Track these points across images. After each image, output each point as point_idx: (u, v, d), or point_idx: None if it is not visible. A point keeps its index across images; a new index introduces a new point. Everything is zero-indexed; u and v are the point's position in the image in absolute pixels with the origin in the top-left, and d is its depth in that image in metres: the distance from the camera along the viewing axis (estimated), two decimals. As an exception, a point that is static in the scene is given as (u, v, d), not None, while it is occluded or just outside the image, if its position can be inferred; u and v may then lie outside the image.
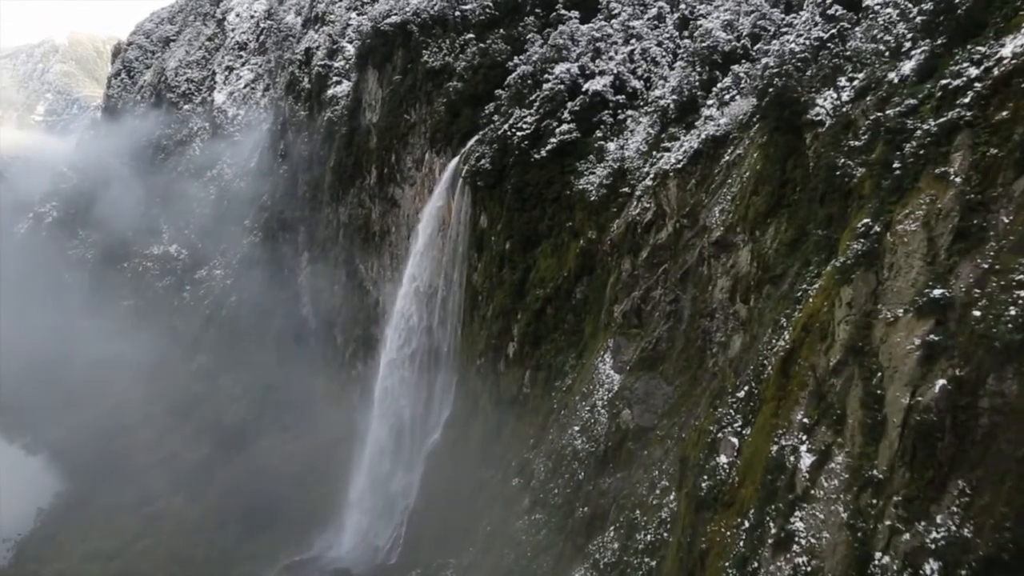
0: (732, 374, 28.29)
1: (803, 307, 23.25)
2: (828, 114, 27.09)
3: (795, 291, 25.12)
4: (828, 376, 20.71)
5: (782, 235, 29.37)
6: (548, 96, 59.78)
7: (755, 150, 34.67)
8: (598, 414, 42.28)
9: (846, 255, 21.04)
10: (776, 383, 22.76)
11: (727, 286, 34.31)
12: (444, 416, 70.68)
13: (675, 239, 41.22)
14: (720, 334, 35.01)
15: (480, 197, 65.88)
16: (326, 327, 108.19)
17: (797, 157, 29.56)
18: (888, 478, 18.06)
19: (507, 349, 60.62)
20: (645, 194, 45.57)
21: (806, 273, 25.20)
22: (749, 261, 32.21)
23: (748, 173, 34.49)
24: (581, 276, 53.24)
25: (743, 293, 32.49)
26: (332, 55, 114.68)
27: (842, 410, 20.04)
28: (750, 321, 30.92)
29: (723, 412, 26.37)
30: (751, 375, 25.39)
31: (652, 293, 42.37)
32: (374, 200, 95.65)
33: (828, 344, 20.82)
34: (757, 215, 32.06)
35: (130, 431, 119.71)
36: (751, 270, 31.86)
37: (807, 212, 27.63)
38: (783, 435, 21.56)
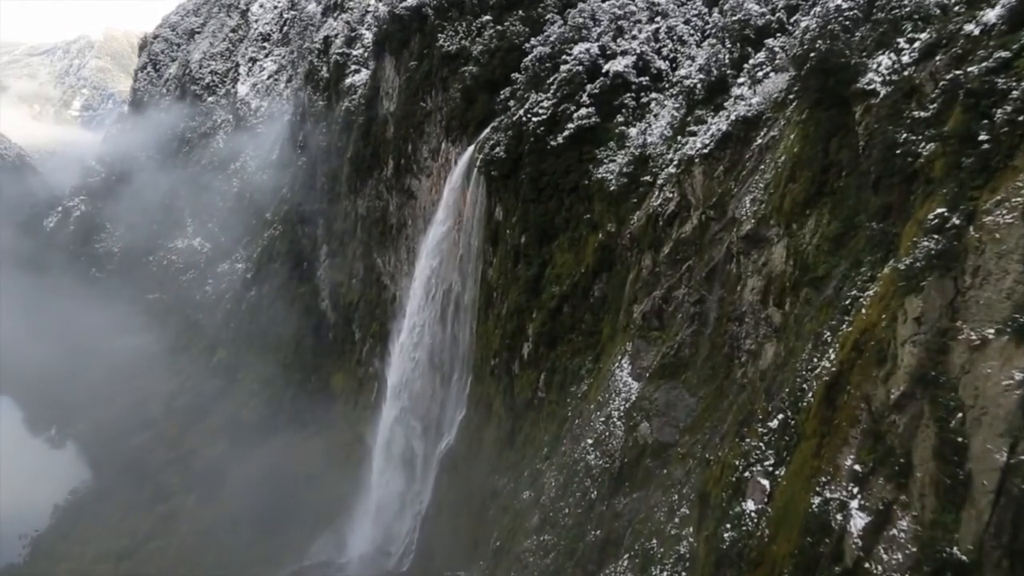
0: (763, 395, 24.02)
1: (853, 319, 18.93)
2: (884, 81, 22.56)
3: (842, 297, 20.76)
4: (888, 411, 16.15)
5: (824, 229, 25.03)
6: (565, 79, 55.65)
7: (792, 130, 30.34)
8: (613, 426, 38.28)
9: (912, 255, 16.39)
10: (819, 415, 18.40)
11: (758, 287, 30.07)
12: (458, 418, 67.16)
13: (700, 233, 37.00)
14: (750, 341, 30.81)
15: (495, 188, 61.99)
16: (344, 322, 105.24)
17: (843, 135, 25.11)
18: (976, 562, 13.62)
19: (522, 350, 56.77)
20: (668, 183, 41.34)
21: (856, 276, 20.79)
22: (784, 259, 27.95)
23: (784, 157, 30.17)
24: (599, 273, 49.19)
25: (777, 296, 28.24)
26: (350, 43, 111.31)
27: (907, 458, 15.36)
28: (785, 329, 26.70)
29: (752, 444, 22.09)
30: (786, 400, 21.07)
31: (675, 293, 38.21)
32: (391, 192, 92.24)
33: (888, 370, 16.34)
34: (794, 205, 27.75)
35: (151, 426, 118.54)
36: (786, 269, 27.61)
37: (856, 201, 23.26)
38: (827, 484, 17.10)
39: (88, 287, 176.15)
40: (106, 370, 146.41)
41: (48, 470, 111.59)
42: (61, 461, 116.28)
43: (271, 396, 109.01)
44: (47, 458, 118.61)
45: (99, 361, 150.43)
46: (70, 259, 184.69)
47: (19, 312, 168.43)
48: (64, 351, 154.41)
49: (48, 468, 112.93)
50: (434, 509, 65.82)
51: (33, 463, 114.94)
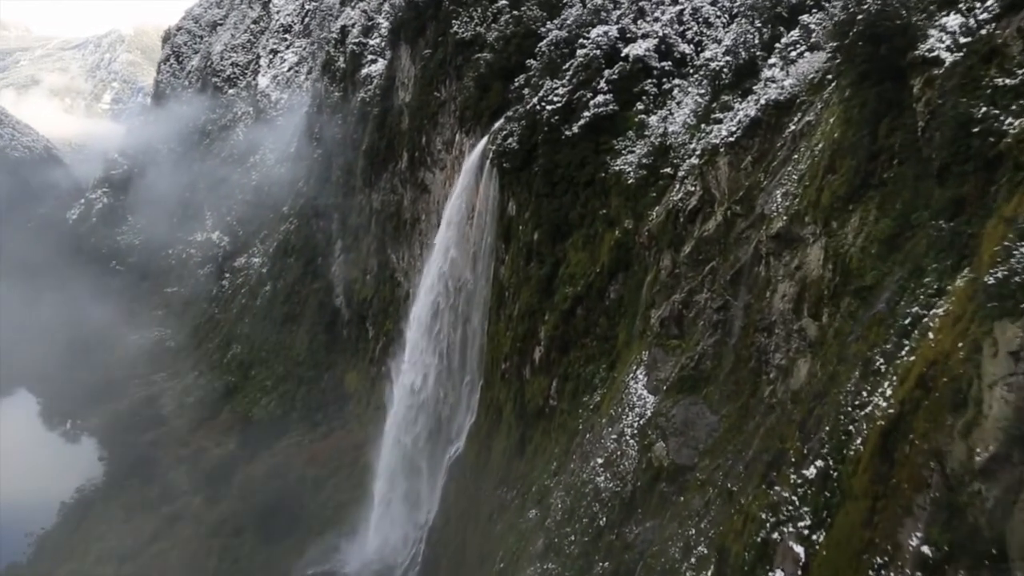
0: (797, 429, 20.02)
1: (917, 346, 14.62)
2: (952, 45, 18.45)
3: (899, 315, 16.62)
4: (970, 477, 11.77)
5: (871, 228, 21.04)
6: (582, 64, 51.79)
7: (831, 113, 26.35)
8: (626, 445, 34.50)
9: (1007, 265, 12.38)
10: (871, 469, 14.06)
11: (791, 294, 26.16)
12: (468, 423, 63.75)
13: (725, 230, 33.08)
14: (780, 355, 26.91)
15: (508, 181, 58.33)
16: (358, 319, 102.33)
17: (896, 115, 21.04)
18: None
19: (533, 354, 53.10)
20: (690, 175, 37.42)
21: (917, 287, 16.58)
22: (822, 262, 24.02)
23: (821, 144, 26.19)
24: (616, 273, 45.35)
25: (813, 305, 24.31)
26: (367, 32, 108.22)
27: (999, 546, 10.92)
28: (822, 345, 22.77)
29: (782, 495, 18.01)
30: (827, 442, 16.90)
31: (696, 297, 34.33)
32: (405, 185, 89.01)
33: (969, 419, 11.87)
34: (834, 200, 23.77)
35: (163, 422, 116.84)
36: (824, 274, 23.67)
37: (913, 194, 19.23)
38: (883, 567, 12.53)
39: (108, 279, 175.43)
40: (122, 363, 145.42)
41: (60, 466, 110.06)
42: (73, 457, 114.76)
43: (283, 394, 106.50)
44: (60, 453, 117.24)
45: (116, 354, 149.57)
46: (91, 251, 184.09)
47: (38, 304, 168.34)
48: (81, 343, 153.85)
49: (60, 464, 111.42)
50: (441, 520, 62.49)
51: (47, 458, 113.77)
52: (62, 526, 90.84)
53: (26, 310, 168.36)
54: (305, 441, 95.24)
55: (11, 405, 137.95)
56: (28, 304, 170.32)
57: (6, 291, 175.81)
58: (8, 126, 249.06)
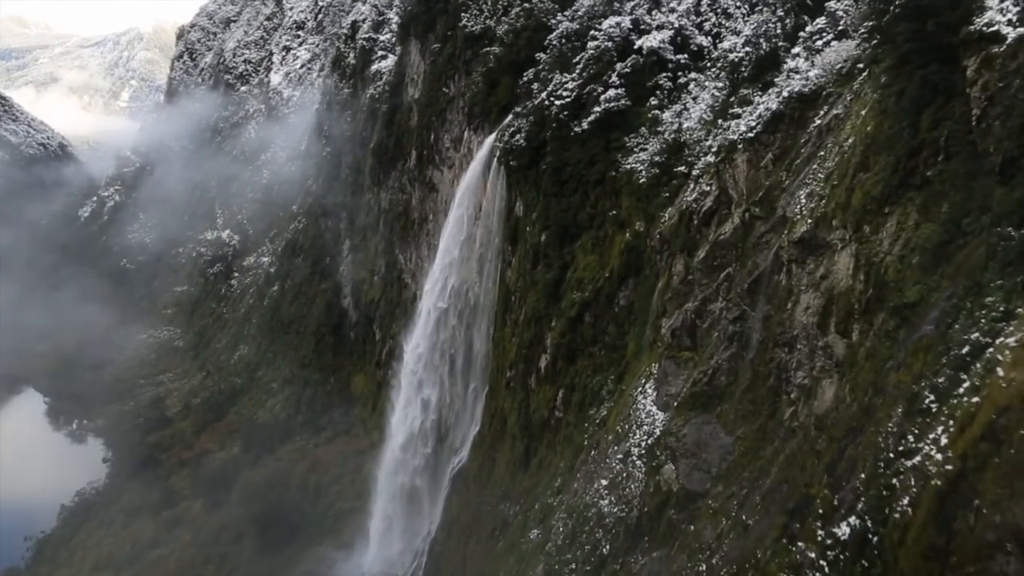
0: (824, 471, 17.23)
1: (981, 383, 11.89)
2: (1015, 19, 15.68)
3: (952, 340, 13.70)
4: None
5: (912, 234, 18.30)
6: (593, 57, 49.12)
7: (863, 105, 23.59)
8: (632, 466, 31.81)
9: None
10: (923, 540, 11.15)
11: (815, 306, 23.43)
12: (472, 433, 61.23)
13: (743, 234, 30.32)
14: (802, 374, 24.18)
15: (515, 180, 55.76)
16: (366, 321, 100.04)
17: (944, 102, 18.24)
18: None
19: (539, 362, 50.49)
20: (705, 174, 34.68)
21: (976, 308, 13.59)
22: (851, 272, 21.28)
23: (852, 139, 23.44)
24: (626, 278, 42.67)
25: (841, 320, 21.58)
26: (378, 27, 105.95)
27: None
28: (852, 366, 20.05)
29: (807, 554, 15.27)
30: (863, 494, 14.00)
31: (710, 306, 31.59)
32: (414, 184, 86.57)
33: None
34: (866, 201, 21.02)
35: (169, 424, 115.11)
36: (855, 286, 20.93)
37: (965, 194, 16.44)
38: None
39: (119, 277, 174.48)
40: (130, 363, 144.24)
41: (64, 467, 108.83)
42: (78, 458, 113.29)
43: (289, 396, 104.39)
44: (65, 454, 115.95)
45: (124, 353, 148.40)
46: (103, 249, 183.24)
47: (48, 302, 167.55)
48: (90, 342, 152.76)
49: (64, 465, 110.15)
50: (444, 532, 59.96)
51: (51, 459, 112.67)
52: (61, 530, 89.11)
53: (36, 308, 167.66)
54: (309, 445, 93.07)
55: (18, 404, 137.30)
56: (38, 302, 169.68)
57: (16, 288, 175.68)
58: (23, 123, 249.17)
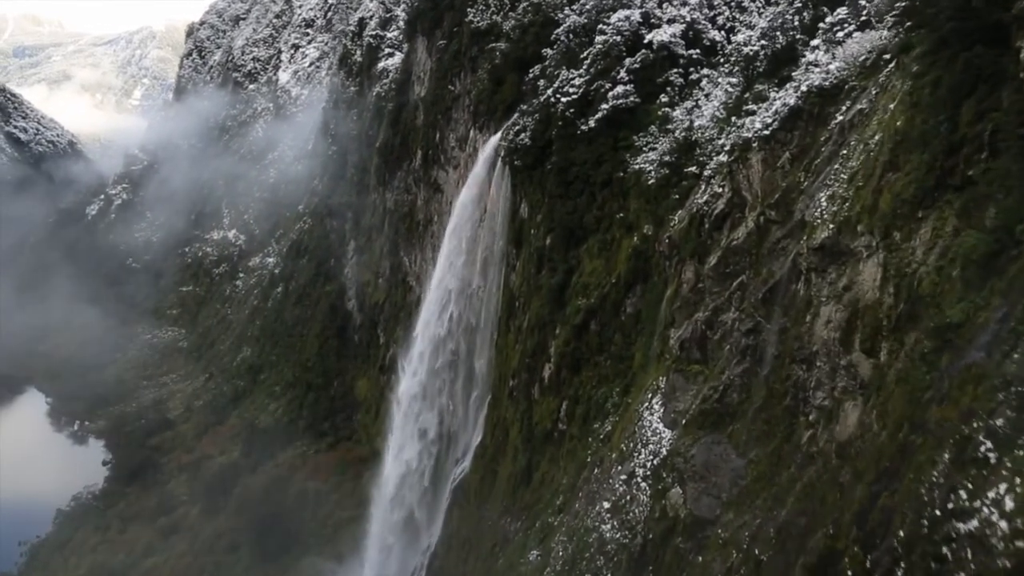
0: (852, 523, 14.91)
1: None
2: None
3: (1010, 374, 11.38)
4: None
5: (951, 242, 16.06)
6: (601, 52, 46.96)
7: (891, 98, 21.36)
8: (637, 488, 29.62)
9: None
10: None
11: (837, 319, 21.22)
12: (475, 443, 59.12)
13: (757, 239, 28.12)
14: (822, 394, 21.97)
15: (520, 180, 53.67)
16: (370, 324, 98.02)
17: (989, 91, 15.90)
18: None
19: (542, 371, 48.32)
20: (717, 174, 32.45)
21: None
22: (878, 283, 19.06)
23: (879, 136, 21.20)
24: (633, 284, 40.47)
25: (867, 337, 19.36)
26: (385, 24, 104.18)
27: None
28: (880, 389, 17.84)
29: None
30: (902, 556, 11.90)
31: (722, 316, 29.39)
32: (419, 185, 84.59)
33: None
34: (896, 204, 18.79)
35: (170, 426, 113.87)
36: (883, 299, 18.71)
37: (1017, 198, 14.17)
38: None
39: (125, 277, 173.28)
40: (134, 364, 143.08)
41: (64, 470, 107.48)
42: (77, 460, 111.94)
43: (291, 400, 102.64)
44: (65, 457, 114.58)
45: (127, 354, 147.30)
46: (109, 247, 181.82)
47: (53, 301, 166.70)
48: (94, 342, 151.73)
49: (64, 468, 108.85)
50: (444, 546, 57.81)
51: (51, 461, 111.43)
52: (56, 535, 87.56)
53: (41, 307, 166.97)
54: (310, 452, 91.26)
55: (21, 404, 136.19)
56: (42, 301, 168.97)
57: (20, 287, 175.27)
58: (33, 120, 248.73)
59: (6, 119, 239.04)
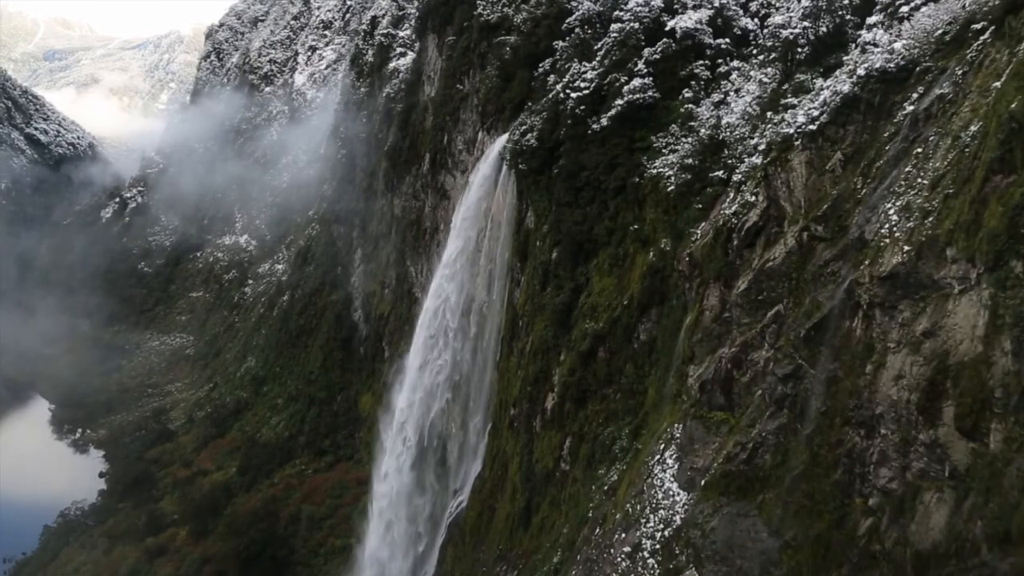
0: None
1: None
2: None
3: None
4: None
5: None
6: (617, 41, 41.47)
7: (990, 77, 15.76)
8: (644, 566, 23.98)
9: None
10: None
11: (915, 376, 15.55)
12: (474, 474, 53.76)
13: (799, 261, 22.48)
14: (889, 474, 16.33)
15: (526, 186, 48.27)
16: (376, 337, 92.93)
17: None
18: None
19: (545, 402, 42.81)
20: (749, 180, 26.81)
21: None
22: (982, 330, 13.41)
23: (977, 126, 15.59)
24: (648, 308, 34.86)
25: (965, 409, 13.70)
26: (397, 23, 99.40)
27: None
28: (991, 489, 12.19)
29: None
30: None
31: (753, 354, 23.77)
32: (427, 190, 79.41)
33: None
34: (1014, 218, 13.19)
35: (171, 438, 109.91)
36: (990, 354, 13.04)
37: None
38: None
39: (136, 281, 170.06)
40: (139, 370, 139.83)
41: (60, 481, 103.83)
42: (75, 471, 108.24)
43: (293, 415, 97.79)
44: (64, 466, 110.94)
45: (134, 360, 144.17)
46: (122, 251, 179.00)
47: (63, 305, 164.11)
48: (101, 348, 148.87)
49: (61, 478, 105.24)
50: (436, 590, 52.52)
51: (49, 471, 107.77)
52: (41, 553, 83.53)
53: (51, 310, 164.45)
54: (308, 471, 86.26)
55: (24, 410, 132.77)
56: (53, 304, 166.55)
57: (33, 291, 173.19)
58: (54, 122, 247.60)
59: (27, 120, 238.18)
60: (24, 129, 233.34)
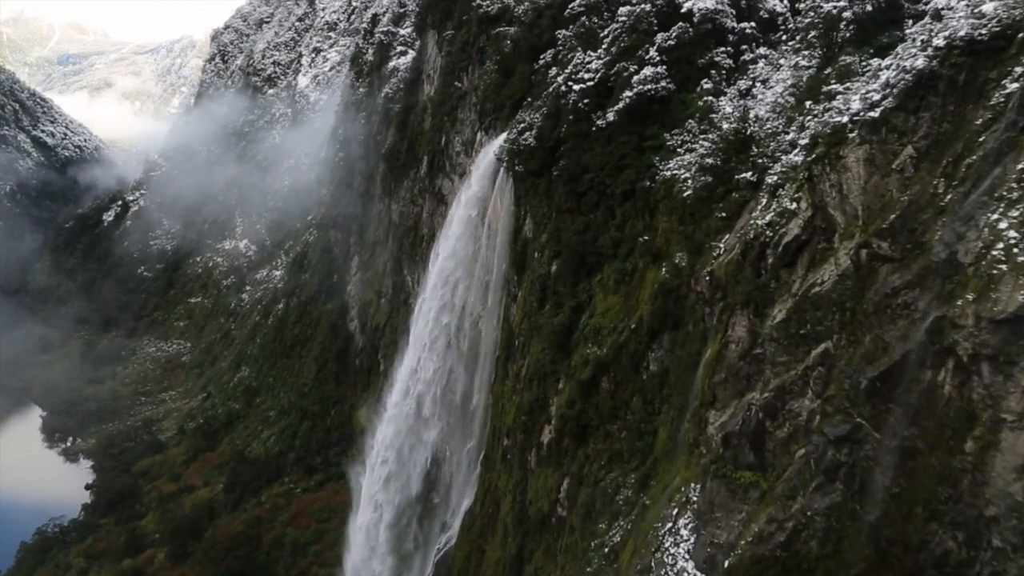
0: None
1: None
2: None
3: None
4: None
5: None
6: (626, 26, 36.43)
7: None
8: (651, 674, 18.82)
9: None
10: None
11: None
12: (464, 507, 48.73)
13: (856, 287, 17.33)
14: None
15: (524, 190, 43.25)
16: (372, 348, 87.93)
17: None
18: None
19: (541, 434, 37.69)
20: (787, 182, 21.63)
21: None
22: None
23: None
24: (659, 333, 29.73)
25: None
26: (398, 20, 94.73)
27: None
28: None
29: None
30: None
31: (793, 404, 18.62)
32: (424, 195, 74.53)
33: None
34: None
35: (161, 448, 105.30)
36: None
37: None
38: None
39: (135, 286, 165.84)
40: (134, 378, 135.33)
41: (47, 491, 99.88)
42: (64, 481, 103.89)
43: (284, 429, 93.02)
44: (52, 476, 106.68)
45: (129, 367, 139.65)
46: (123, 255, 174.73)
47: (61, 310, 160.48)
48: (97, 354, 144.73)
49: (49, 488, 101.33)
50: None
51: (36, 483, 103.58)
52: (16, 572, 78.99)
53: (49, 315, 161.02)
54: (297, 489, 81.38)
55: (16, 418, 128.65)
56: (51, 310, 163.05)
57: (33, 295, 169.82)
58: (61, 125, 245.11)
59: (34, 123, 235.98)
60: (31, 132, 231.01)
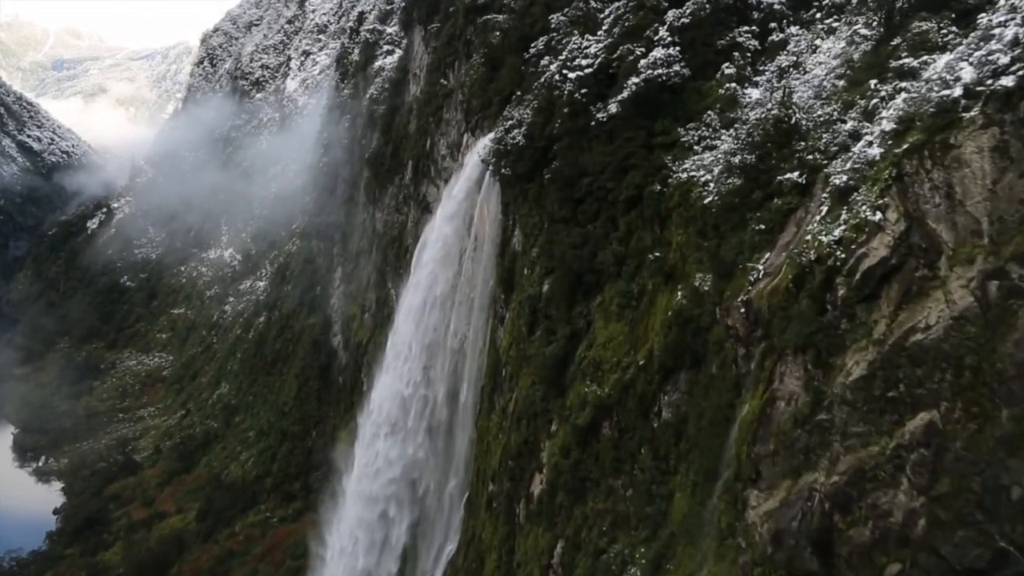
0: None
1: None
2: None
3: None
4: None
5: None
6: (630, 4, 30.86)
7: None
8: None
9: None
10: None
11: None
12: (446, 553, 42.97)
13: (984, 334, 11.53)
14: None
15: (513, 197, 37.66)
16: (355, 366, 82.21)
17: None
18: None
19: (531, 483, 31.99)
20: (864, 184, 15.91)
21: None
22: None
23: None
24: (674, 372, 24.02)
25: None
26: (385, 18, 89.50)
27: None
28: None
29: None
30: None
31: (881, 496, 12.84)
32: (409, 203, 68.99)
33: None
34: None
35: (135, 470, 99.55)
36: None
37: None
38: None
39: (117, 296, 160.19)
40: (111, 393, 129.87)
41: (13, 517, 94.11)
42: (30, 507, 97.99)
43: (263, 451, 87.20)
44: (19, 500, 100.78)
45: (108, 382, 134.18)
46: (106, 264, 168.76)
47: (40, 322, 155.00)
48: (75, 368, 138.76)
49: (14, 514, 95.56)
50: None
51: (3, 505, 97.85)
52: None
53: (27, 327, 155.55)
54: (274, 519, 75.59)
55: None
56: (31, 320, 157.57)
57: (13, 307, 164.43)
58: (48, 129, 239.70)
59: (20, 128, 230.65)
60: (16, 136, 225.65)
